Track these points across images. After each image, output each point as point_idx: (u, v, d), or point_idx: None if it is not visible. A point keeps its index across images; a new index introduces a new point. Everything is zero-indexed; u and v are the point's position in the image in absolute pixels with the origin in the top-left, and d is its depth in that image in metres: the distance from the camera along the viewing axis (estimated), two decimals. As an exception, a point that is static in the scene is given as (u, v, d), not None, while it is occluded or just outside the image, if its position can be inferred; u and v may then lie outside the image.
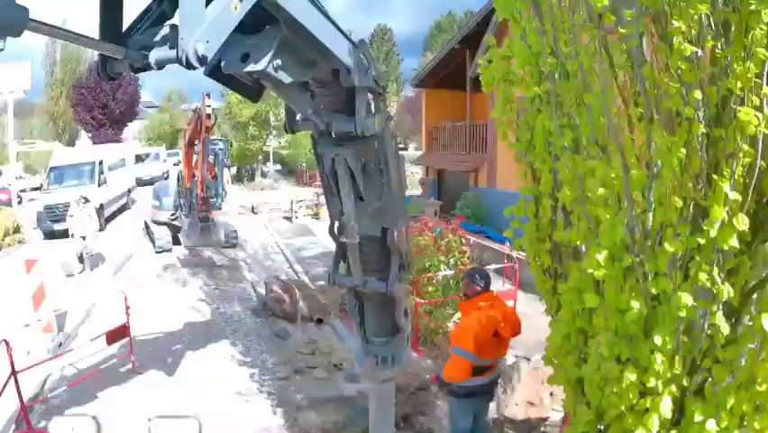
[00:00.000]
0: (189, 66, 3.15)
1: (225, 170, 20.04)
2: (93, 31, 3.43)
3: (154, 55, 3.36)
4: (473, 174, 25.42)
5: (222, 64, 3.95)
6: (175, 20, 3.49)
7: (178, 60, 3.18)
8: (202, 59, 3.20)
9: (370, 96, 5.35)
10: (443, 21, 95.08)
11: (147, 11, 3.71)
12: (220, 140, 21.56)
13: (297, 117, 5.62)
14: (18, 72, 31.92)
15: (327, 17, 4.51)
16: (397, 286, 6.05)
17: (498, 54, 5.09)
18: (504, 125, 5.16)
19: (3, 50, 2.74)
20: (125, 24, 3.68)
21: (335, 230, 6.22)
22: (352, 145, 5.42)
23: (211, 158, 18.52)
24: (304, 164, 52.31)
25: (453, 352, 6.70)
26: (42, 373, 10.24)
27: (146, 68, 3.44)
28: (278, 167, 62.11)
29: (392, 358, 6.70)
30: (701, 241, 3.70)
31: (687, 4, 3.55)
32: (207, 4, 3.31)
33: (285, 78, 4.30)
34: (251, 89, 4.83)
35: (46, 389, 9.97)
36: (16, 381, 8.45)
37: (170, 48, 3.29)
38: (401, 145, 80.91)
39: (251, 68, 3.95)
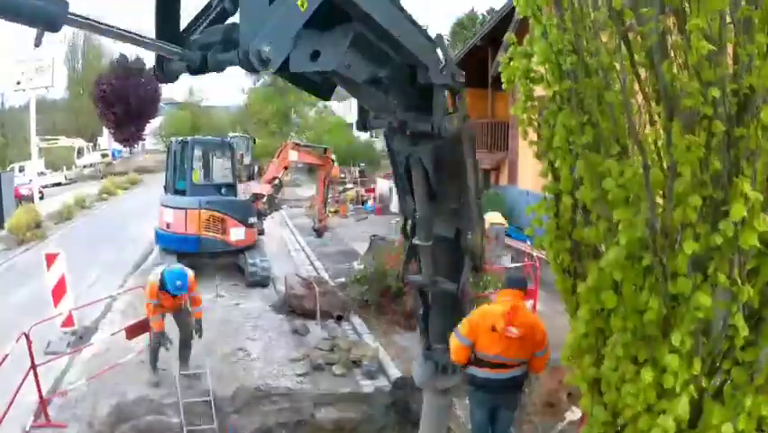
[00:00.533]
0: (252, 69, 3.03)
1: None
2: (136, 26, 3.22)
3: (214, 56, 3.24)
4: (494, 172, 25.30)
5: (289, 62, 3.59)
6: (236, 18, 3.36)
7: (239, 63, 3.05)
8: (266, 62, 3.05)
9: (446, 93, 5.19)
10: (464, 18, 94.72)
11: (207, 8, 3.60)
12: (242, 136, 21.61)
13: (371, 115, 5.48)
14: (41, 69, 32.06)
15: (401, 10, 4.35)
16: (467, 288, 6.06)
17: (518, 52, 5.06)
18: (524, 123, 5.12)
19: (39, 45, 2.67)
20: (184, 22, 3.58)
21: (407, 229, 6.12)
22: (427, 144, 5.28)
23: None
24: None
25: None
26: (62, 366, 10.33)
27: (204, 69, 3.32)
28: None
29: (453, 367, 6.57)
30: (721, 241, 3.66)
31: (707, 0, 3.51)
32: (271, 1, 3.15)
33: (357, 76, 4.19)
34: (321, 87, 4.66)
35: (65, 382, 10.02)
36: (36, 374, 8.54)
37: (231, 49, 3.13)
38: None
39: (321, 67, 3.77)
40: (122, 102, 58.35)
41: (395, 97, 4.98)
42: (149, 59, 69.32)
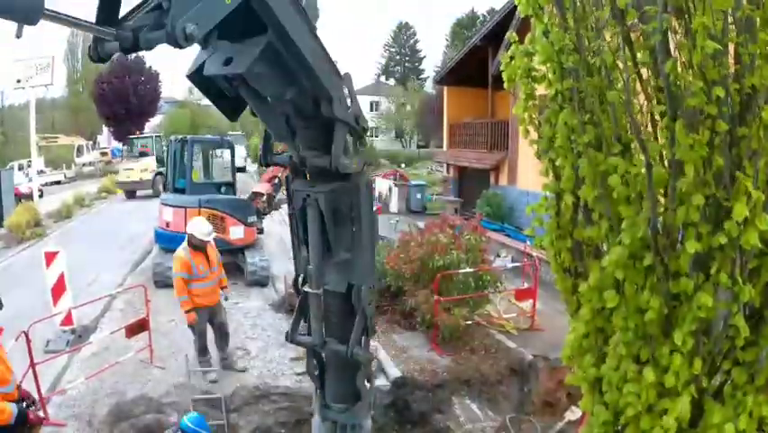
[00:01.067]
0: (176, 44, 3.26)
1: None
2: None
3: (144, 35, 3.41)
4: (494, 172, 25.30)
5: (204, 67, 4.02)
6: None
7: (167, 39, 3.28)
8: (189, 38, 3.30)
9: (348, 135, 5.21)
10: (464, 18, 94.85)
11: (144, 2, 3.71)
12: (241, 135, 21.57)
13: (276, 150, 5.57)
14: (40, 67, 32.06)
15: (316, 37, 4.46)
16: (358, 350, 5.56)
17: (520, 51, 5.05)
18: (525, 122, 5.12)
19: (20, 37, 2.77)
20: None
21: (299, 283, 5.79)
22: (324, 185, 5.20)
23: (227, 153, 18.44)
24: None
25: None
26: (61, 364, 10.32)
27: (136, 47, 3.49)
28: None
29: (352, 427, 6.26)
30: (723, 240, 3.66)
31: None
32: None
33: (263, 88, 4.33)
34: (229, 104, 4.71)
35: (64, 380, 10.02)
36: (35, 372, 8.52)
37: (161, 28, 3.34)
38: (421, 143, 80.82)
39: (231, 70, 3.97)
40: (121, 100, 58.35)
41: (298, 131, 5.03)
42: (148, 57, 69.52)
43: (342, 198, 5.33)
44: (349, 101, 5.00)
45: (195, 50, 4.11)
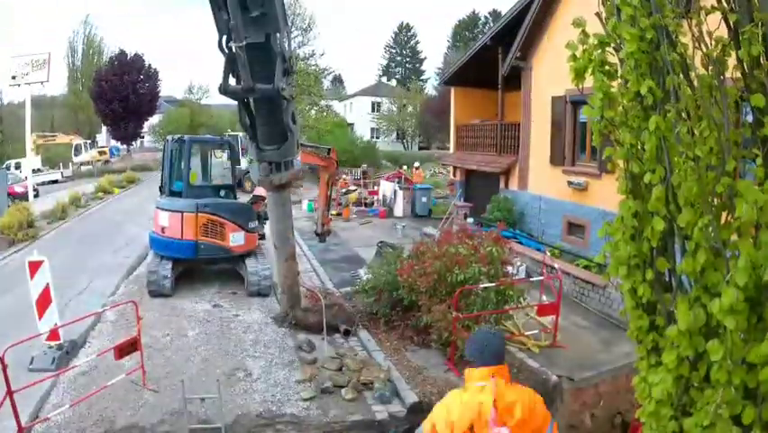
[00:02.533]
0: None
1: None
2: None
3: None
4: (504, 176, 24.55)
5: None
6: None
7: None
8: None
9: None
10: (465, 20, 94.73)
11: None
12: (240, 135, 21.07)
13: None
14: (36, 64, 31.74)
15: None
16: (282, 84, 6.49)
17: (592, 40, 4.14)
18: (599, 125, 4.19)
19: None
20: None
21: (223, 43, 6.57)
22: None
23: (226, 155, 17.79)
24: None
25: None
26: (45, 386, 9.43)
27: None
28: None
29: (284, 164, 7.52)
30: None
31: None
32: None
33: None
34: None
35: (48, 406, 9.10)
36: (12, 402, 7.63)
37: None
38: (423, 144, 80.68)
39: None
40: (120, 99, 57.99)
41: None
42: (148, 56, 69.22)
43: None
44: None
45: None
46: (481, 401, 4.35)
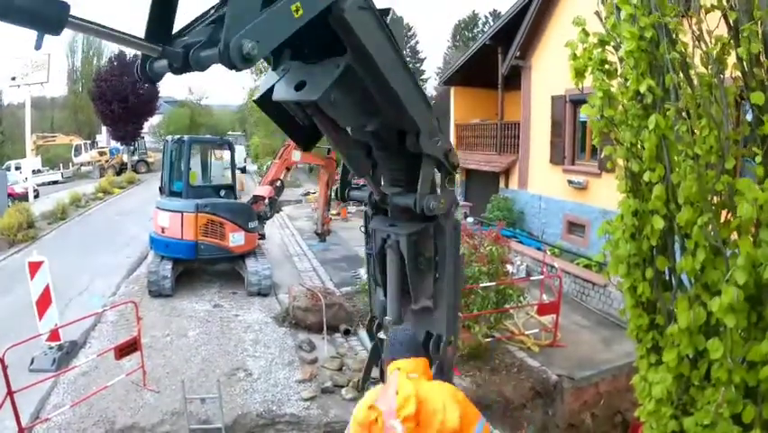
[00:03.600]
0: (232, 65, 2.74)
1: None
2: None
3: (196, 54, 2.90)
4: (504, 176, 24.54)
5: (273, 91, 3.57)
6: None
7: (219, 58, 2.76)
8: (246, 58, 2.76)
9: (436, 171, 4.58)
10: (465, 20, 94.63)
11: (204, 15, 3.24)
12: (239, 135, 21.06)
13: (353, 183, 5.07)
14: (36, 65, 31.68)
15: (404, 62, 3.84)
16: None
17: (592, 39, 4.15)
18: (599, 124, 4.20)
19: (39, 48, 2.60)
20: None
21: (374, 329, 5.47)
22: (407, 227, 4.63)
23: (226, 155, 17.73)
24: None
25: None
26: (45, 386, 9.45)
27: (187, 68, 3.01)
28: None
29: None
30: None
31: None
32: (263, 7, 2.91)
33: (341, 118, 3.70)
34: (303, 132, 4.15)
35: (49, 407, 9.12)
36: (13, 402, 7.65)
37: (215, 45, 2.81)
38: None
39: (304, 96, 3.38)
40: (120, 99, 57.89)
41: (378, 162, 4.55)
42: (147, 55, 69.11)
43: (426, 241, 4.77)
44: (438, 134, 4.37)
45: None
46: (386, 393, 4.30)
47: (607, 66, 4.14)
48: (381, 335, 5.10)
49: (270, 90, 3.63)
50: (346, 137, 4.09)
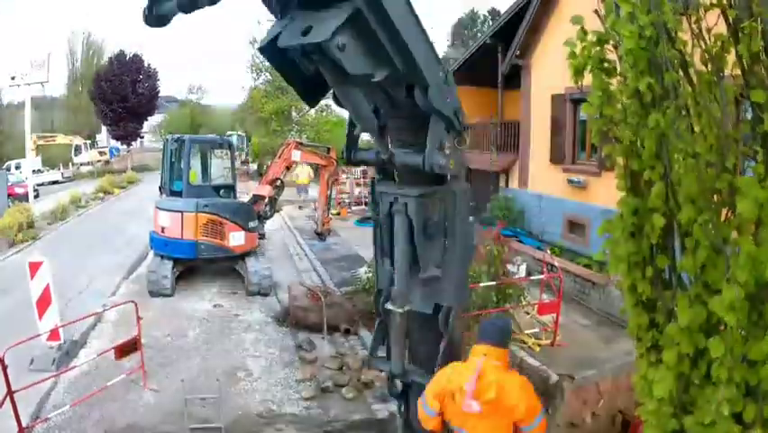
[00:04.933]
0: None
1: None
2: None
3: None
4: (504, 175, 24.50)
5: (280, 38, 3.45)
6: None
7: None
8: None
9: (445, 131, 4.48)
10: (465, 19, 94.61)
11: None
12: (239, 135, 21.13)
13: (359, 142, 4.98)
14: (35, 64, 31.62)
15: (413, 13, 3.88)
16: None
17: (590, 37, 4.13)
18: (599, 123, 4.18)
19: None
20: None
21: (381, 302, 5.29)
22: (416, 189, 4.57)
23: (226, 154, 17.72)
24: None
25: None
26: (46, 386, 9.44)
27: (195, 4, 3.10)
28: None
29: None
30: None
31: None
32: None
33: (348, 64, 3.51)
34: (308, 86, 4.01)
35: (49, 407, 9.13)
36: (13, 402, 7.64)
37: None
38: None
39: (310, 39, 3.29)
40: (120, 99, 57.90)
41: (385, 120, 4.49)
42: (147, 55, 69.22)
43: (435, 205, 4.72)
44: (447, 90, 4.38)
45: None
46: (470, 373, 4.66)
47: (606, 64, 4.13)
48: (389, 305, 4.98)
49: (276, 39, 3.53)
50: (353, 87, 3.98)
